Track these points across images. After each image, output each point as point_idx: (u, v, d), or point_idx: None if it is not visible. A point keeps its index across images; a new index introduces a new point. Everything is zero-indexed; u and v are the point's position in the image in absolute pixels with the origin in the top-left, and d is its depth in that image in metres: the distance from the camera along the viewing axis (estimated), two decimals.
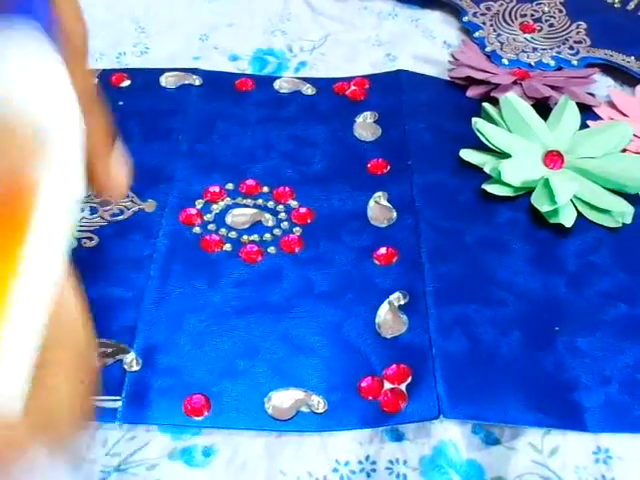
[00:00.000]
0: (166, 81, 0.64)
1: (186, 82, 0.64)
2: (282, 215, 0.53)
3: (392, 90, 0.64)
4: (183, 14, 0.73)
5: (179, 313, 0.47)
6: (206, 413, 0.43)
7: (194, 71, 0.65)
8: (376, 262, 0.50)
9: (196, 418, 0.42)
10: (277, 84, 0.64)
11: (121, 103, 0.62)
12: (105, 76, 0.64)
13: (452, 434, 0.42)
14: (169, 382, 0.44)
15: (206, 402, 0.43)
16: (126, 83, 0.63)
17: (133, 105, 0.61)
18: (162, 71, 0.65)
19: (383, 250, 0.51)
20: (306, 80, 0.65)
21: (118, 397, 0.43)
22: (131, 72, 0.65)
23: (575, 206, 0.53)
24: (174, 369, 0.44)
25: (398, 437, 0.43)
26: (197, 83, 0.64)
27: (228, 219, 0.53)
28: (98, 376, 0.32)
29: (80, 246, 0.50)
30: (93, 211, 0.53)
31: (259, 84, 0.64)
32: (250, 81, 0.64)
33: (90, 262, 0.49)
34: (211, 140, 0.59)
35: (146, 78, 0.64)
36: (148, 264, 0.50)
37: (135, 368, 0.44)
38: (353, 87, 0.64)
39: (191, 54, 0.68)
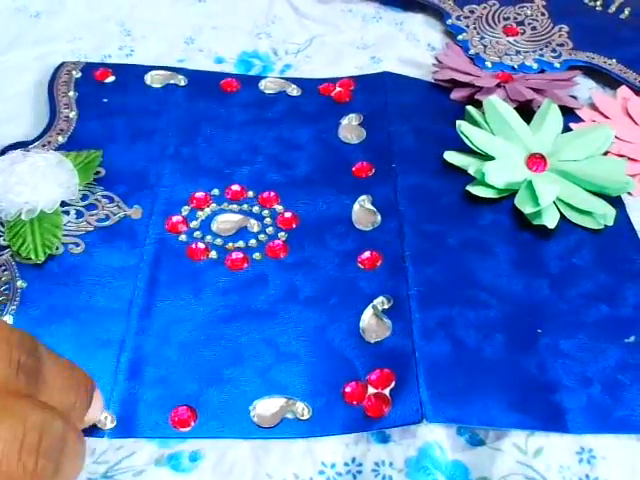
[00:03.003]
0: (151, 80, 0.64)
1: (171, 82, 0.64)
2: (267, 220, 0.53)
3: (377, 92, 0.64)
4: (168, 16, 0.73)
5: (166, 324, 0.47)
6: (192, 424, 0.42)
7: (179, 70, 0.65)
8: (360, 266, 0.51)
9: (183, 429, 0.42)
10: (262, 84, 0.64)
11: (105, 100, 0.61)
12: (89, 70, 0.64)
13: (437, 435, 0.43)
14: (157, 394, 0.44)
15: (192, 413, 0.43)
16: (110, 79, 0.63)
17: (118, 103, 0.61)
18: (147, 69, 0.64)
19: (367, 254, 0.51)
20: (291, 80, 0.65)
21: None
22: (116, 68, 0.64)
23: (558, 208, 0.54)
24: (162, 381, 0.44)
25: (384, 439, 0.43)
26: (182, 83, 0.63)
27: (213, 226, 0.53)
28: None
29: (67, 252, 0.50)
30: (79, 215, 0.52)
31: (244, 84, 0.64)
32: (235, 81, 0.64)
33: (77, 270, 0.49)
34: (196, 143, 0.59)
35: (131, 75, 0.64)
36: (135, 274, 0.49)
37: (110, 426, 0.42)
38: (338, 88, 0.64)
39: (176, 56, 0.68)
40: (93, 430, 0.42)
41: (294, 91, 0.64)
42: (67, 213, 0.52)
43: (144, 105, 0.61)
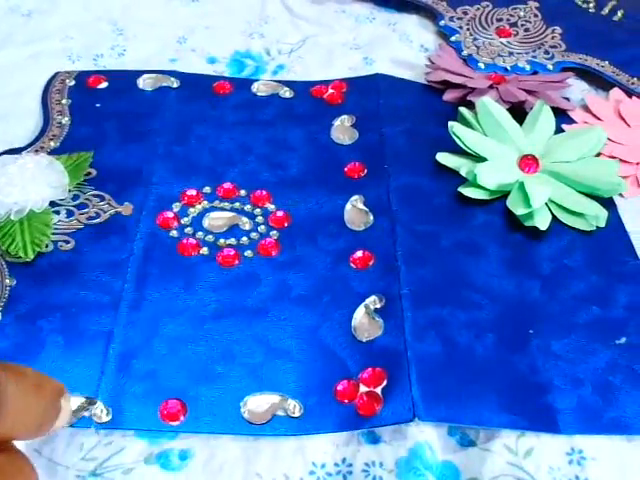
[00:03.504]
0: (144, 83, 0.64)
1: (164, 84, 0.64)
2: (259, 219, 0.53)
3: (369, 93, 0.64)
4: (161, 16, 0.73)
5: (155, 318, 0.47)
6: (182, 418, 0.42)
7: (172, 73, 0.65)
8: (352, 266, 0.51)
9: (172, 423, 0.42)
10: (255, 87, 0.64)
11: (98, 105, 0.61)
12: (82, 77, 0.64)
13: (428, 436, 0.43)
14: (145, 387, 0.44)
15: (182, 407, 0.43)
16: (103, 85, 0.63)
17: (110, 107, 0.61)
18: (140, 73, 0.64)
19: (359, 254, 0.51)
20: (284, 83, 0.65)
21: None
22: (108, 74, 0.64)
23: (550, 209, 0.54)
24: (150, 374, 0.44)
25: (374, 439, 0.43)
26: (175, 85, 0.64)
27: (205, 222, 0.53)
28: None
29: (56, 249, 0.50)
30: (69, 214, 0.52)
31: (237, 87, 0.64)
32: (228, 84, 0.64)
33: (66, 266, 0.49)
34: (188, 143, 0.59)
35: (123, 80, 0.64)
36: (124, 268, 0.49)
37: (105, 419, 0.42)
38: (331, 90, 0.64)
39: (168, 56, 0.68)
40: (81, 421, 0.42)
41: (286, 93, 0.64)
42: (58, 213, 0.52)
43: (136, 108, 0.61)
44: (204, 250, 0.51)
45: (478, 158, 0.56)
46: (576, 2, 0.74)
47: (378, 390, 0.44)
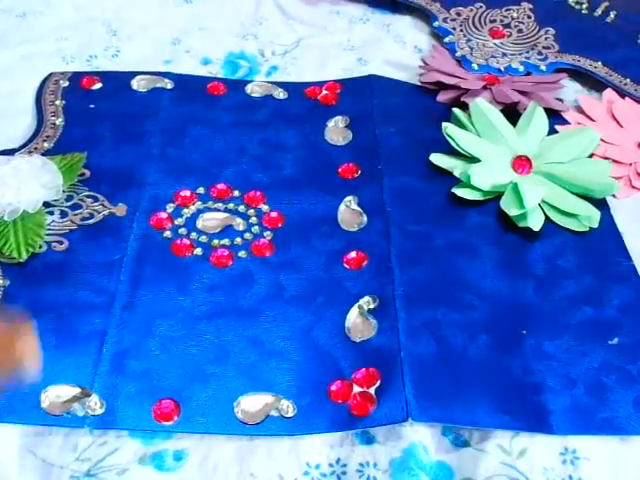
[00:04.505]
0: (137, 84, 0.64)
1: (158, 85, 0.64)
2: (253, 219, 0.53)
3: (363, 95, 0.64)
4: (155, 18, 0.73)
5: (149, 318, 0.47)
6: (176, 418, 0.42)
7: (166, 75, 0.65)
8: (346, 266, 0.51)
9: (166, 423, 0.42)
10: (249, 88, 0.65)
11: (92, 106, 0.62)
12: (76, 79, 0.64)
13: (422, 436, 0.43)
14: (139, 387, 0.44)
15: (176, 407, 0.43)
16: (97, 86, 0.63)
17: (104, 108, 0.61)
18: (134, 74, 0.64)
19: (353, 254, 0.51)
20: (278, 84, 0.65)
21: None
22: (102, 75, 0.64)
23: (543, 210, 0.54)
24: (144, 374, 0.44)
25: (368, 440, 0.43)
26: (169, 87, 0.64)
27: (199, 223, 0.53)
28: None
29: (50, 250, 0.50)
30: (63, 215, 0.52)
31: (231, 88, 0.64)
32: (222, 85, 0.64)
33: (60, 266, 0.49)
34: (182, 144, 0.59)
35: (117, 81, 0.64)
36: (118, 268, 0.49)
37: (99, 412, 0.42)
38: (325, 91, 0.64)
39: (163, 57, 0.68)
40: (74, 420, 0.42)
41: (280, 94, 0.64)
42: (51, 214, 0.52)
43: (130, 109, 0.62)
44: (198, 251, 0.51)
45: (472, 159, 0.57)
46: (569, 3, 0.74)
47: (372, 390, 0.44)
